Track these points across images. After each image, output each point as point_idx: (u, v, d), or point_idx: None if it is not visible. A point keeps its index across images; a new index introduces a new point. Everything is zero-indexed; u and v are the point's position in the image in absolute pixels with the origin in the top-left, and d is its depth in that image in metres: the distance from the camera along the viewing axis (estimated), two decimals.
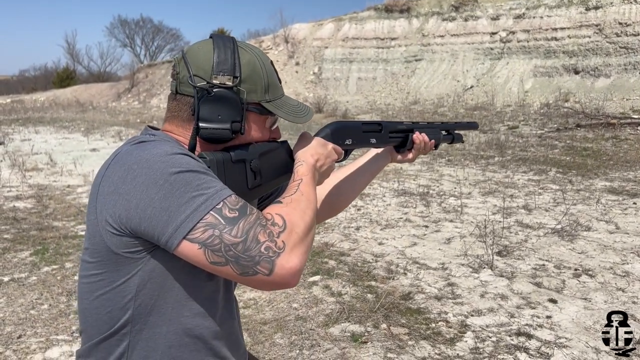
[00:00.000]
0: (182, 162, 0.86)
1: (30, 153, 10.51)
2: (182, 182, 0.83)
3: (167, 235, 0.83)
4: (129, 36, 53.22)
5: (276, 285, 0.85)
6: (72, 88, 36.21)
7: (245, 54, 1.00)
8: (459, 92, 18.69)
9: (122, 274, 0.90)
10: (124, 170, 0.86)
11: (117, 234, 0.87)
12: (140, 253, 0.88)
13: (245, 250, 0.82)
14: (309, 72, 24.15)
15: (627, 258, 4.19)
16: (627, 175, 7.47)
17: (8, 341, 3.01)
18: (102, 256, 0.90)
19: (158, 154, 0.86)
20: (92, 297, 0.94)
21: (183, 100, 0.99)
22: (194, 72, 0.95)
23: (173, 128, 1.01)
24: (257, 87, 1.00)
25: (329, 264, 4.19)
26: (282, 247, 0.84)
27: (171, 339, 0.95)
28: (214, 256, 0.83)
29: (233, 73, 0.96)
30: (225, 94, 0.95)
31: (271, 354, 2.85)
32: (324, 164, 1.11)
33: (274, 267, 0.83)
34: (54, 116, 20.16)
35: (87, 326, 0.97)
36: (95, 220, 0.89)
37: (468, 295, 3.58)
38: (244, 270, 0.83)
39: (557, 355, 2.77)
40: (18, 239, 4.90)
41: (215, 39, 1.00)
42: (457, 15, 21.11)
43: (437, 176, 7.87)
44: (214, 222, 0.83)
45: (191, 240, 0.82)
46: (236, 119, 0.97)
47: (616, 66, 15.73)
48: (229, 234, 0.82)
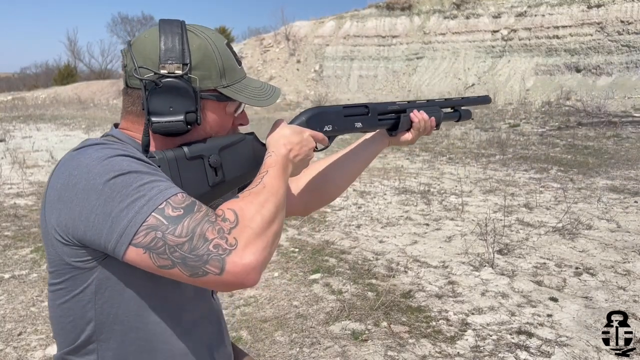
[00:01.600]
0: (123, 165, 0.80)
1: (31, 150, 10.51)
2: (122, 185, 0.78)
3: (113, 243, 0.78)
4: (131, 33, 53.22)
5: (231, 284, 0.79)
6: (73, 85, 36.19)
7: (195, 38, 0.93)
8: (460, 90, 18.66)
9: (78, 283, 0.86)
10: (65, 177, 0.82)
11: (65, 244, 0.83)
12: (90, 262, 0.84)
13: (192, 250, 0.77)
14: (310, 70, 24.13)
15: (628, 256, 4.18)
16: (628, 173, 7.45)
17: (8, 338, 3.01)
18: (58, 266, 0.87)
19: (97, 158, 0.81)
20: (55, 305, 0.91)
21: (134, 94, 0.93)
22: (139, 64, 0.89)
23: (129, 125, 0.96)
24: (212, 73, 0.94)
25: (329, 262, 4.19)
26: (234, 244, 0.78)
27: (141, 346, 0.91)
28: (160, 259, 0.78)
29: (182, 60, 0.90)
30: (175, 84, 0.89)
31: (271, 352, 2.85)
32: (299, 154, 1.02)
33: (225, 266, 0.77)
34: (55, 113, 20.17)
35: (55, 334, 0.94)
36: (46, 229, 0.86)
37: (469, 293, 3.58)
38: (193, 271, 0.78)
39: (557, 354, 2.77)
40: (19, 236, 4.90)
41: (162, 24, 0.93)
42: (459, 13, 21.07)
43: (438, 174, 7.87)
44: (156, 224, 0.77)
45: (136, 245, 0.78)
46: (190, 109, 0.90)
47: (618, 64, 15.70)
48: (172, 235, 0.77)
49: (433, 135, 11.92)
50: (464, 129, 12.75)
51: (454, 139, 11.41)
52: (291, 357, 2.80)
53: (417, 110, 1.31)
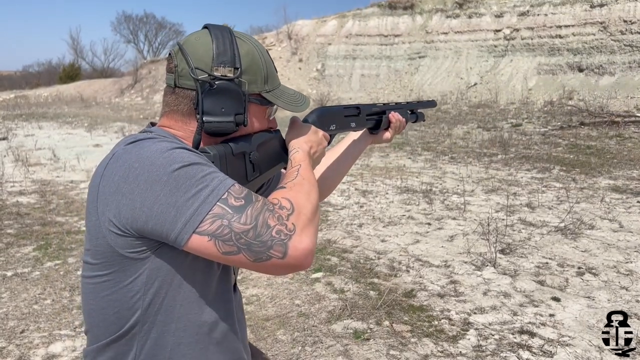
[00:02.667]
0: (184, 157, 0.84)
1: (34, 148, 10.52)
2: (186, 177, 0.82)
3: (177, 231, 0.82)
4: (133, 32, 53.28)
5: (291, 267, 0.85)
6: (75, 84, 36.24)
7: (244, 44, 0.98)
8: (462, 90, 18.64)
9: (128, 274, 0.89)
10: (125, 169, 0.85)
11: (121, 235, 0.85)
12: (145, 252, 0.87)
13: (256, 236, 0.82)
14: (312, 69, 24.12)
15: (630, 256, 4.17)
16: (631, 173, 7.44)
17: (11, 336, 3.02)
18: (107, 257, 0.89)
19: (158, 151, 0.85)
20: (98, 297, 0.92)
21: (182, 93, 0.96)
22: (195, 65, 0.93)
23: (172, 123, 0.99)
24: (257, 78, 0.99)
25: (331, 261, 4.19)
26: (292, 230, 0.84)
27: (180, 336, 0.94)
28: (226, 246, 0.82)
29: (234, 64, 0.95)
30: (227, 86, 0.94)
31: (273, 351, 2.85)
32: (317, 151, 1.11)
33: (287, 250, 0.83)
34: (57, 112, 20.19)
35: (93, 326, 0.95)
36: (97, 221, 0.87)
37: (471, 293, 3.57)
38: (258, 256, 0.83)
39: (560, 354, 2.76)
40: (21, 234, 4.91)
41: (212, 29, 0.97)
42: (461, 12, 21.04)
43: (440, 173, 7.86)
44: (222, 213, 0.82)
45: (200, 233, 0.81)
46: (239, 111, 0.96)
47: (620, 64, 15.66)
48: (238, 222, 0.82)
49: (435, 134, 11.91)
50: (466, 128, 12.73)
51: (456, 138, 11.39)
52: (293, 355, 2.80)
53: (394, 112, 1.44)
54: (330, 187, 1.45)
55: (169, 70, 0.98)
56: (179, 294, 0.92)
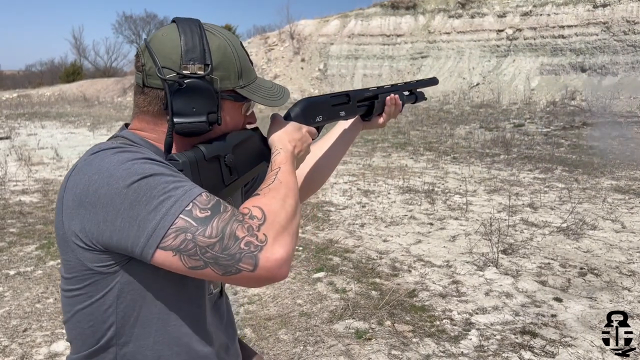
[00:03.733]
0: (144, 168, 0.80)
1: (37, 147, 10.54)
2: (147, 188, 0.78)
3: (141, 246, 0.78)
4: (135, 32, 53.33)
5: (263, 280, 0.80)
6: (78, 83, 36.27)
7: (214, 39, 0.93)
8: (464, 90, 18.62)
9: (100, 288, 0.86)
10: (85, 182, 0.81)
11: (88, 249, 0.82)
12: (114, 267, 0.84)
13: (223, 249, 0.78)
14: (315, 69, 24.12)
15: (633, 257, 4.17)
16: (633, 174, 7.42)
17: (14, 334, 3.03)
18: (77, 271, 0.86)
19: (118, 162, 0.80)
20: (73, 310, 0.90)
21: (151, 93, 0.91)
22: (161, 64, 0.87)
23: (143, 125, 0.95)
24: (230, 73, 0.94)
25: (333, 261, 4.19)
26: (264, 241, 0.79)
27: (159, 350, 0.91)
28: (191, 261, 0.78)
29: (204, 61, 0.89)
30: (198, 85, 0.88)
31: (275, 350, 2.85)
32: (301, 150, 1.06)
33: (258, 262, 0.78)
34: (60, 111, 20.23)
35: (72, 338, 0.93)
36: (64, 235, 0.85)
37: (473, 293, 3.57)
38: (226, 270, 0.78)
39: (562, 354, 2.76)
40: (24, 233, 4.93)
41: (180, 23, 0.92)
42: (464, 12, 21.02)
43: (442, 174, 7.85)
44: (185, 226, 0.77)
45: (164, 249, 0.78)
46: (212, 110, 0.91)
47: (623, 64, 15.63)
48: (203, 236, 0.77)
49: (437, 134, 11.90)
50: (469, 128, 12.72)
51: (458, 138, 11.38)
52: (295, 355, 2.81)
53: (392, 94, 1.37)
54: (321, 180, 1.39)
55: (137, 69, 0.93)
56: (154, 307, 0.89)
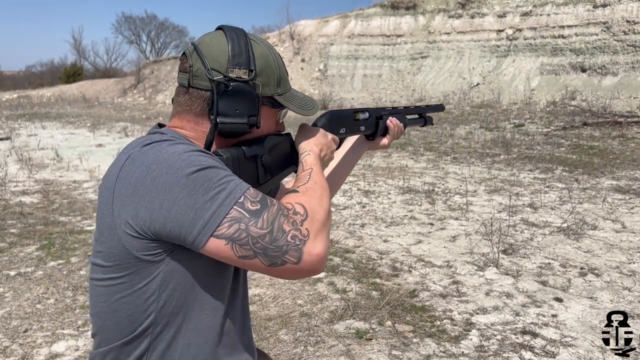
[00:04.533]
0: (201, 160, 0.85)
1: (37, 148, 10.55)
2: (204, 179, 0.83)
3: (195, 234, 0.82)
4: (135, 33, 53.32)
5: (305, 272, 0.86)
6: (78, 84, 36.29)
7: (258, 47, 0.99)
8: (464, 90, 18.62)
9: (143, 276, 0.89)
10: (142, 171, 0.85)
11: (137, 237, 0.85)
12: (160, 255, 0.87)
13: (272, 241, 0.83)
14: (315, 69, 24.13)
15: (633, 257, 4.17)
16: (634, 174, 7.42)
17: (14, 335, 3.03)
18: (121, 259, 0.88)
19: (176, 153, 0.85)
20: (110, 300, 0.92)
21: (196, 94, 0.96)
22: (210, 66, 0.93)
23: (184, 124, 0.99)
24: (271, 81, 1.00)
25: (333, 261, 4.19)
26: (307, 235, 0.85)
27: (190, 337, 0.94)
28: (242, 250, 0.83)
29: (249, 66, 0.95)
30: (242, 88, 0.94)
31: (276, 350, 2.85)
32: (326, 154, 1.11)
33: (302, 255, 0.83)
34: (60, 112, 20.23)
35: (103, 329, 0.95)
36: (113, 223, 0.87)
37: (473, 293, 3.57)
38: (273, 261, 0.84)
39: (562, 354, 2.76)
40: (24, 233, 4.93)
41: (227, 30, 0.98)
42: (464, 12, 21.02)
43: (443, 174, 7.85)
44: (239, 216, 0.83)
45: (218, 237, 0.82)
46: (253, 113, 0.97)
47: (623, 64, 15.63)
48: (255, 227, 0.83)
49: (437, 134, 11.90)
50: (469, 128, 12.72)
51: (459, 138, 11.39)
52: (295, 355, 2.81)
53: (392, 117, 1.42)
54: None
55: (182, 69, 0.98)
56: (191, 296, 0.92)
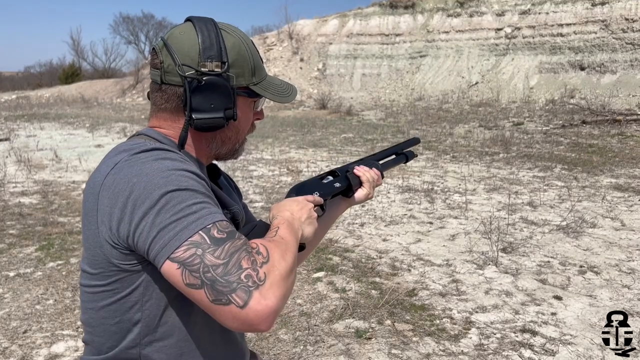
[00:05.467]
0: (181, 181, 0.82)
1: (36, 149, 10.54)
2: (177, 200, 0.80)
3: (155, 253, 0.79)
4: (133, 33, 53.27)
5: (247, 323, 0.76)
6: (76, 84, 36.24)
7: (229, 37, 0.96)
8: (463, 89, 18.63)
9: (126, 285, 0.87)
10: (124, 183, 0.83)
11: (115, 247, 0.84)
12: (137, 266, 0.86)
13: (224, 274, 0.76)
14: (313, 68, 24.12)
15: (632, 255, 4.17)
16: (633, 172, 7.43)
17: (14, 336, 3.03)
18: (104, 267, 0.87)
19: (159, 169, 0.83)
20: (97, 307, 0.91)
21: (169, 90, 0.94)
22: (181, 61, 0.90)
23: (161, 122, 0.97)
24: (245, 71, 0.97)
25: (333, 260, 4.19)
26: (262, 280, 0.77)
27: (182, 347, 0.93)
28: (190, 277, 0.77)
29: (221, 58, 0.92)
30: (215, 81, 0.91)
31: (275, 350, 2.85)
32: (302, 215, 1.02)
33: (250, 300, 0.75)
34: (59, 112, 20.22)
35: (94, 337, 0.93)
36: (97, 230, 0.86)
37: (472, 291, 3.57)
38: (217, 297, 0.76)
39: (562, 352, 2.76)
40: (23, 234, 4.92)
41: (196, 22, 0.94)
42: (462, 11, 21.03)
43: (442, 173, 7.86)
44: (199, 241, 0.78)
45: (172, 260, 0.78)
46: (229, 106, 0.94)
47: (622, 62, 15.64)
48: (212, 255, 0.77)
49: (437, 133, 11.91)
50: (468, 127, 12.73)
51: (458, 137, 11.39)
52: (295, 355, 2.81)
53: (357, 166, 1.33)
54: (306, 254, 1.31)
55: (153, 66, 0.95)
56: (177, 307, 0.90)
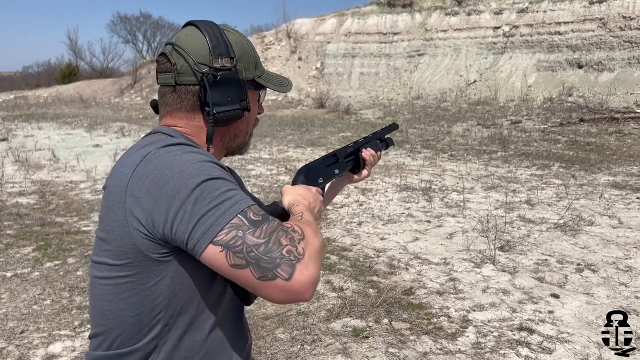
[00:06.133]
0: (213, 170, 0.87)
1: (34, 149, 10.52)
2: (213, 188, 0.85)
3: (196, 240, 0.83)
4: (131, 32, 53.18)
5: (294, 293, 0.82)
6: (75, 84, 36.19)
7: (232, 35, 1.02)
8: (462, 87, 18.63)
9: (153, 276, 0.90)
10: (156, 175, 0.87)
11: (147, 237, 0.87)
12: (169, 256, 0.89)
13: (267, 252, 0.82)
14: (312, 68, 24.11)
15: (630, 253, 4.17)
16: (630, 170, 7.44)
17: (11, 337, 3.02)
18: (131, 258, 0.89)
19: (190, 161, 0.87)
20: (118, 299, 0.92)
21: (185, 90, 0.99)
22: (196, 60, 0.96)
23: (177, 122, 1.01)
24: (250, 65, 1.04)
25: (331, 260, 4.19)
26: (302, 254, 0.83)
27: (197, 337, 0.95)
28: (235, 258, 0.82)
29: (229, 54, 0.99)
30: (229, 76, 0.98)
31: (273, 349, 2.85)
32: (316, 205, 1.10)
33: (294, 272, 0.81)
34: (57, 112, 20.19)
35: (108, 328, 0.94)
36: (125, 221, 0.88)
37: (470, 290, 3.58)
38: (264, 273, 0.81)
39: (559, 350, 2.77)
40: (21, 234, 4.92)
41: (199, 25, 1.01)
42: (460, 9, 21.03)
43: (440, 171, 7.86)
44: (239, 224, 0.83)
45: (216, 244, 0.82)
46: (243, 98, 1.00)
47: (620, 60, 15.66)
48: (253, 236, 0.83)
49: (435, 132, 11.91)
50: (466, 125, 12.73)
51: (456, 136, 11.39)
52: (292, 354, 2.81)
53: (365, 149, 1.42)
54: None
55: (164, 70, 1.00)
56: (197, 298, 0.94)
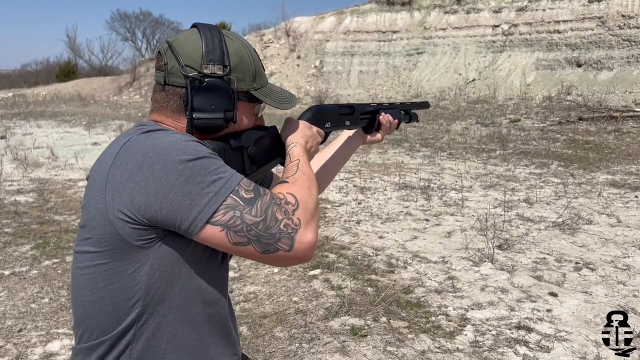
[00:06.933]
0: (198, 149, 0.88)
1: (32, 147, 10.51)
2: (201, 167, 0.85)
3: (190, 220, 0.84)
4: (130, 30, 53.09)
5: (296, 259, 0.89)
6: (73, 82, 36.11)
7: (232, 43, 1.01)
8: (460, 86, 18.62)
9: (132, 262, 0.90)
10: (139, 158, 0.87)
11: (130, 223, 0.87)
12: (151, 242, 0.89)
13: (266, 229, 0.86)
14: (311, 66, 24.08)
15: (628, 251, 4.18)
16: (629, 168, 7.44)
17: (9, 335, 3.02)
18: (111, 245, 0.89)
19: (173, 142, 0.87)
20: (96, 288, 0.92)
21: (172, 91, 0.98)
22: (184, 63, 0.95)
23: (162, 118, 1.01)
24: (246, 76, 1.02)
25: (329, 258, 4.19)
26: (298, 224, 0.88)
27: (177, 327, 0.95)
28: (237, 237, 0.86)
29: (223, 62, 0.97)
30: (217, 83, 0.96)
31: (271, 348, 2.85)
32: (312, 146, 1.14)
33: (294, 243, 0.87)
34: (55, 110, 20.15)
35: (86, 318, 0.94)
36: (105, 209, 0.88)
37: (468, 288, 3.58)
38: (266, 248, 0.87)
39: (557, 349, 2.77)
40: (19, 232, 4.91)
41: (201, 28, 1.00)
42: (459, 8, 21.00)
43: (439, 169, 7.86)
44: (234, 204, 0.85)
45: (213, 223, 0.85)
46: (228, 108, 0.98)
47: (619, 59, 15.65)
48: (249, 214, 0.85)
49: (434, 130, 11.91)
50: (465, 124, 12.73)
51: (455, 134, 11.39)
52: (290, 352, 2.81)
53: (385, 113, 1.44)
54: (323, 184, 1.45)
55: (158, 68, 1.00)
56: (178, 284, 0.93)
